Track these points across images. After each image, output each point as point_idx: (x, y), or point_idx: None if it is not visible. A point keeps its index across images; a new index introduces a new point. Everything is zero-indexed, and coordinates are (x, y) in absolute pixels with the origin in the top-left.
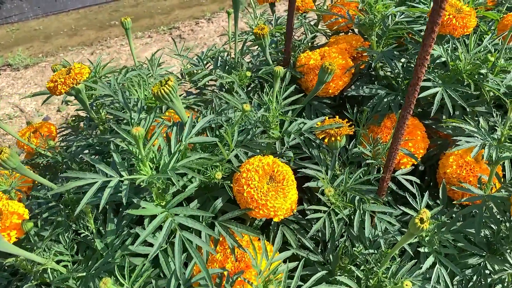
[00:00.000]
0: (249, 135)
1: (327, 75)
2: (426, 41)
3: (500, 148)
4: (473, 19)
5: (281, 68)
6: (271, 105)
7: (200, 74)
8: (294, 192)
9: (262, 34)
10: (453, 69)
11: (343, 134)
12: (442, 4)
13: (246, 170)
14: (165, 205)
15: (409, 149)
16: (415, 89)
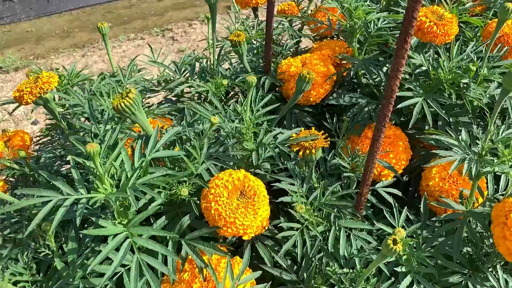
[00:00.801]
0: (222, 147)
1: (305, 84)
2: (399, 53)
3: (480, 163)
4: (454, 26)
5: (254, 78)
6: (244, 116)
7: (175, 82)
8: (266, 208)
9: (238, 41)
10: (434, 78)
11: (318, 146)
12: (413, 14)
13: (215, 186)
14: (127, 224)
15: (390, 160)
16: (389, 102)
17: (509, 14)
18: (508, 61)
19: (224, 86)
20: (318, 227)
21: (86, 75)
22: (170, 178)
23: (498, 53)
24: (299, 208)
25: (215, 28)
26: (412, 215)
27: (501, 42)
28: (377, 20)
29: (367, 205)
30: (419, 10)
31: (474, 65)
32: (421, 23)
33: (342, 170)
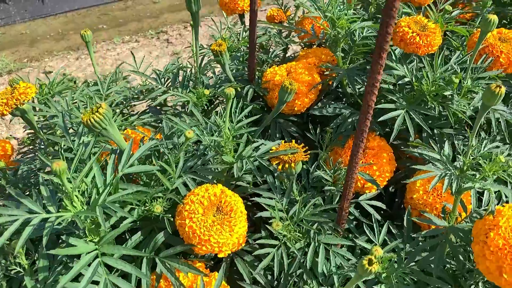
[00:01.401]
0: (200, 160)
1: (287, 95)
2: (374, 68)
3: (462, 178)
4: (438, 37)
5: (232, 90)
6: (223, 129)
7: (156, 92)
8: (243, 225)
9: (220, 50)
10: (418, 90)
11: (297, 160)
12: (388, 29)
13: (190, 202)
14: (99, 241)
15: (374, 173)
16: (366, 118)
17: (491, 26)
18: (493, 72)
19: (206, 96)
20: (297, 244)
21: (68, 84)
22: (143, 194)
23: (482, 64)
24: (275, 226)
25: (198, 36)
26: (396, 229)
27: (486, 53)
28: (361, 29)
29: (350, 218)
30: (404, 21)
31: (457, 77)
32: (403, 33)
33: (324, 183)
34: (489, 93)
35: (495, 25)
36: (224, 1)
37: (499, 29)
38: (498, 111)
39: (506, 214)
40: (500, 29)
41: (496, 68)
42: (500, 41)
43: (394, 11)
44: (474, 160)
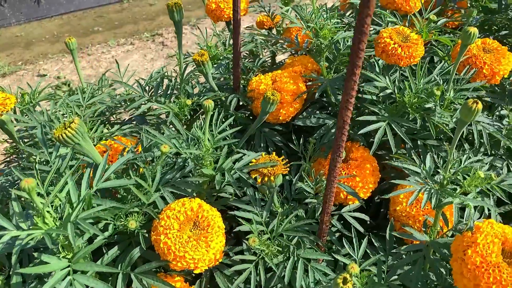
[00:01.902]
0: (179, 173)
1: (270, 106)
2: (348, 84)
3: (442, 193)
4: (420, 48)
5: (210, 102)
6: (202, 141)
7: (137, 102)
8: (220, 240)
9: (202, 60)
10: (400, 102)
11: (277, 173)
12: (360, 46)
13: (165, 217)
14: (72, 257)
15: (357, 184)
16: (342, 133)
17: (471, 38)
18: (476, 83)
19: (188, 106)
20: (275, 259)
21: (51, 93)
22: (118, 210)
23: (465, 76)
24: (251, 242)
25: (182, 45)
26: (378, 242)
27: (469, 64)
28: (346, 38)
29: (332, 230)
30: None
31: (439, 89)
32: (385, 45)
33: (305, 195)
34: (466, 109)
35: (475, 37)
36: (210, 9)
37: (484, 39)
38: (480, 123)
39: (484, 230)
40: (485, 39)
41: (479, 79)
42: (484, 51)
43: (366, 28)
44: (455, 175)
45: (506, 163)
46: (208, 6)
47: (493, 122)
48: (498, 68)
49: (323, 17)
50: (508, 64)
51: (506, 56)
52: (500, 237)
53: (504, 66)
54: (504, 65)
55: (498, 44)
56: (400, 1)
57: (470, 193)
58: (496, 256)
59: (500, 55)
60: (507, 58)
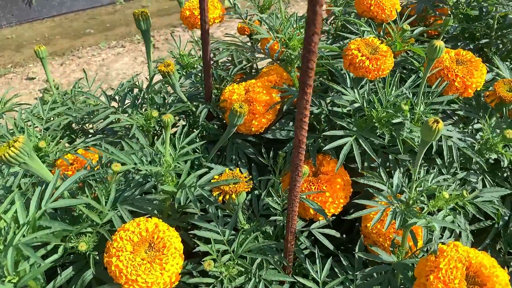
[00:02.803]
0: (138, 190)
1: (237, 118)
2: (300, 104)
3: (407, 213)
4: (388, 60)
5: (169, 117)
6: (163, 158)
7: (101, 115)
8: (176, 262)
9: (167, 71)
10: (368, 116)
11: (239, 191)
12: (309, 64)
13: (119, 238)
14: (18, 282)
15: (327, 199)
16: (299, 152)
17: (437, 53)
18: (448, 97)
19: (155, 118)
20: (235, 281)
21: (15, 104)
22: (67, 232)
23: (436, 89)
24: (206, 265)
25: (150, 55)
26: (347, 261)
27: (441, 76)
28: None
29: (300, 248)
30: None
31: (406, 104)
32: (352, 57)
33: (272, 211)
34: (427, 128)
35: (441, 52)
36: (184, 16)
37: (458, 50)
38: (451, 139)
39: (448, 255)
40: (459, 50)
41: (452, 92)
42: (457, 63)
43: (313, 46)
44: (421, 194)
45: (482, 178)
46: (182, 13)
47: (465, 137)
48: (470, 81)
49: (293, 27)
50: (481, 76)
51: (479, 68)
52: (464, 261)
53: (476, 78)
54: (476, 78)
55: (472, 56)
56: (375, 9)
57: (442, 211)
58: (459, 282)
59: (473, 67)
60: (480, 70)
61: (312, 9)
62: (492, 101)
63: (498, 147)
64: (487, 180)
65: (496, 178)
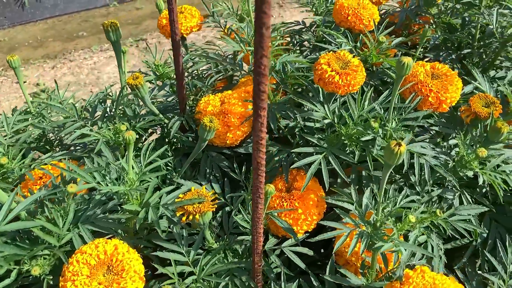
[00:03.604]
0: (100, 209)
1: (207, 133)
2: (255, 126)
3: (373, 236)
4: (359, 75)
5: (131, 134)
6: (126, 175)
7: (70, 127)
8: (136, 286)
9: (135, 84)
10: (339, 132)
11: (204, 211)
12: (260, 87)
13: (75, 262)
14: None
15: (299, 216)
16: (258, 174)
17: (405, 70)
18: (421, 112)
19: (123, 132)
20: None
21: None
22: (21, 256)
23: (410, 104)
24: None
25: (122, 66)
26: (317, 281)
27: (415, 91)
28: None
29: (271, 267)
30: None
31: (376, 121)
32: (322, 72)
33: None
34: (389, 151)
35: (409, 69)
36: (161, 24)
37: (433, 63)
38: (424, 157)
39: (413, 281)
40: (434, 63)
41: (426, 107)
42: (432, 77)
43: (263, 69)
44: (387, 217)
45: (459, 194)
46: (159, 21)
47: (439, 155)
48: (445, 96)
49: None
50: (456, 91)
51: (454, 83)
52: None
53: (451, 94)
54: (451, 93)
55: (448, 69)
56: (353, 19)
57: (415, 230)
58: None
59: (448, 81)
60: (454, 85)
61: (258, 32)
62: (467, 116)
63: (472, 165)
64: (464, 196)
65: (475, 194)
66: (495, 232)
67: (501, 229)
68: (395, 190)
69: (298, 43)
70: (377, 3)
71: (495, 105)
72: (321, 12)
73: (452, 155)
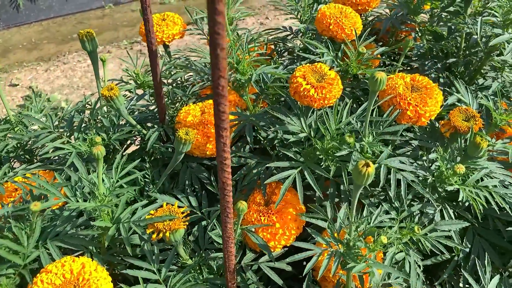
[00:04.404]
0: (70, 225)
1: (182, 146)
2: (218, 147)
3: (346, 256)
4: (335, 88)
5: (100, 149)
6: (96, 191)
7: (46, 139)
8: None
9: (110, 96)
10: (315, 146)
11: (174, 228)
12: (220, 107)
13: (39, 282)
14: None
15: (277, 231)
16: (225, 194)
17: (378, 85)
18: (399, 126)
19: (98, 144)
20: None
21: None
22: None
23: (388, 118)
24: None
25: (99, 76)
26: None
27: (394, 104)
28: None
29: (247, 284)
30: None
31: (351, 136)
32: (297, 85)
33: (215, 245)
34: (356, 172)
35: (383, 84)
36: (142, 32)
37: (413, 75)
38: (401, 172)
39: None
40: (415, 75)
41: (404, 121)
42: (412, 90)
43: (221, 90)
44: (359, 236)
45: (441, 209)
46: (141, 29)
47: (417, 170)
48: (423, 109)
49: (241, 49)
50: (436, 105)
51: (434, 96)
52: None
53: (430, 107)
54: (430, 106)
55: (428, 81)
56: (334, 28)
57: (392, 248)
58: None
59: (427, 95)
60: (434, 98)
61: (213, 53)
62: (447, 131)
63: (452, 181)
64: (446, 210)
65: (458, 208)
66: (478, 247)
67: (485, 243)
68: (374, 205)
69: (282, 51)
70: (363, 10)
71: (475, 119)
72: (306, 20)
73: (432, 170)
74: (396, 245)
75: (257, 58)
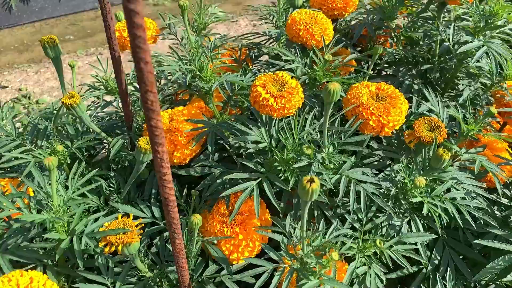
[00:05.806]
0: (22, 238)
1: (143, 155)
2: (155, 162)
3: (299, 272)
4: (295, 98)
5: (51, 160)
6: (51, 202)
7: (7, 147)
8: None
9: (70, 104)
10: (275, 157)
11: (127, 242)
12: (151, 122)
13: None
14: None
15: (239, 243)
16: (169, 210)
17: (331, 96)
18: (361, 136)
19: (60, 153)
20: None
21: None
22: None
23: (350, 128)
24: None
25: (64, 83)
26: None
27: (356, 114)
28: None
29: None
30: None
31: (309, 147)
32: (256, 94)
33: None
34: (301, 188)
35: (337, 95)
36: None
37: (379, 84)
38: (361, 184)
39: None
40: (380, 83)
41: (367, 131)
42: (377, 99)
43: (151, 104)
44: (311, 252)
45: (408, 220)
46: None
47: (380, 181)
48: (387, 119)
49: (205, 55)
50: (399, 115)
51: (397, 105)
52: None
53: (394, 117)
54: (394, 116)
55: (393, 90)
56: (304, 34)
57: (353, 261)
58: None
59: (391, 104)
60: (398, 108)
61: (138, 68)
62: (411, 141)
63: (415, 193)
64: (414, 222)
65: (427, 219)
66: (448, 259)
67: (454, 255)
68: (337, 216)
69: (257, 57)
70: (339, 15)
71: (439, 130)
72: (281, 25)
73: (397, 181)
74: (357, 259)
75: (229, 65)
